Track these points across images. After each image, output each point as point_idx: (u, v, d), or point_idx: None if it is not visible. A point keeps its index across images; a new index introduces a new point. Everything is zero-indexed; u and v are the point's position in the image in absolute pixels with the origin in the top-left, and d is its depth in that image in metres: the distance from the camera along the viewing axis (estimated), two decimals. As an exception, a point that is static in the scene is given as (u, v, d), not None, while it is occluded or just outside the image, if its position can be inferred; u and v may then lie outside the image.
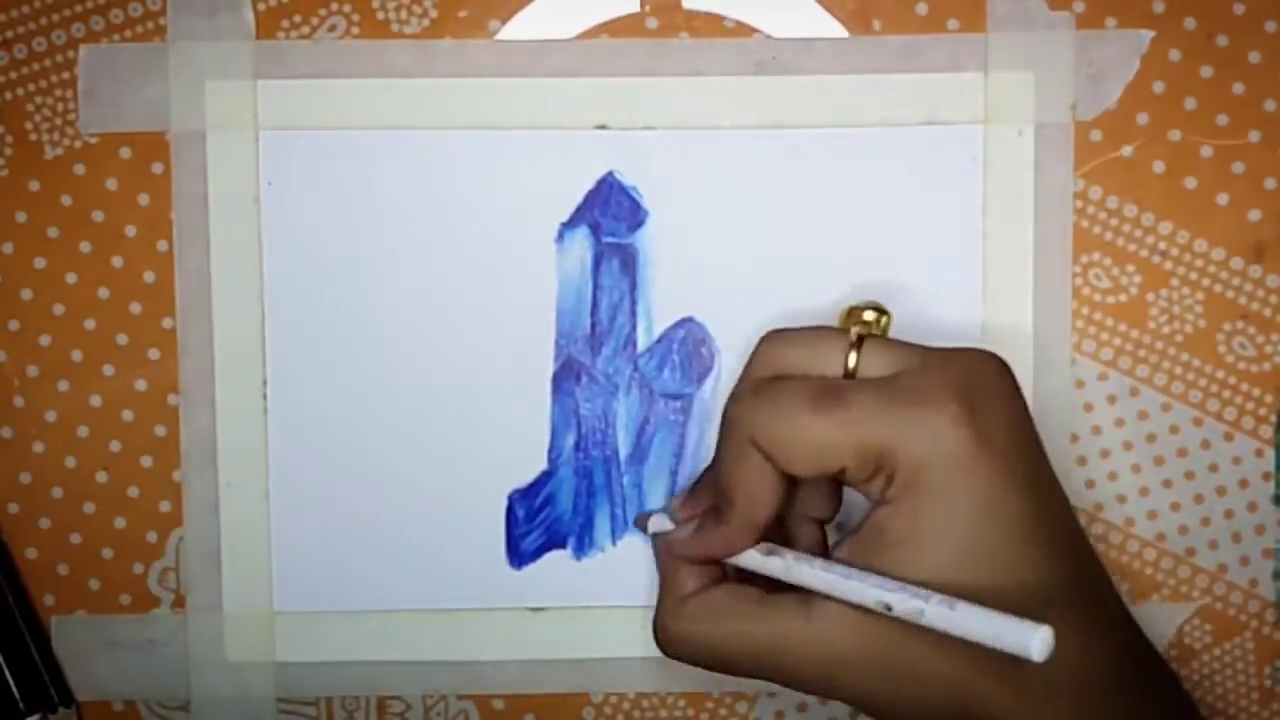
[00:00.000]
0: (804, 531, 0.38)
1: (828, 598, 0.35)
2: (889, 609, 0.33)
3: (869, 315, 0.37)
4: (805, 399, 0.34)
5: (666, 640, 0.37)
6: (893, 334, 0.40)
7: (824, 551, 0.38)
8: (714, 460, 0.37)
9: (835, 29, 0.42)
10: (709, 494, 0.38)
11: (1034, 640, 0.31)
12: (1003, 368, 0.35)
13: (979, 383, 0.34)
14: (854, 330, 0.36)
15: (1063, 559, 0.35)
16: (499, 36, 0.42)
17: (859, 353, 0.35)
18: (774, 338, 0.37)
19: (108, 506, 0.42)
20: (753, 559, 0.36)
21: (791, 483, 0.36)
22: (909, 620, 0.33)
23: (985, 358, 0.35)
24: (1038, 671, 0.32)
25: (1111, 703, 0.34)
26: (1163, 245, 0.42)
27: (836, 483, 0.38)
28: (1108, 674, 0.35)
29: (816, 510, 0.38)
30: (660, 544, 0.38)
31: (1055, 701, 0.34)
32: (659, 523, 0.39)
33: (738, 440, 0.35)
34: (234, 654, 0.43)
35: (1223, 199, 0.42)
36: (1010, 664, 0.32)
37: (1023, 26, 0.41)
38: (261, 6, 0.42)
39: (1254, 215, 0.42)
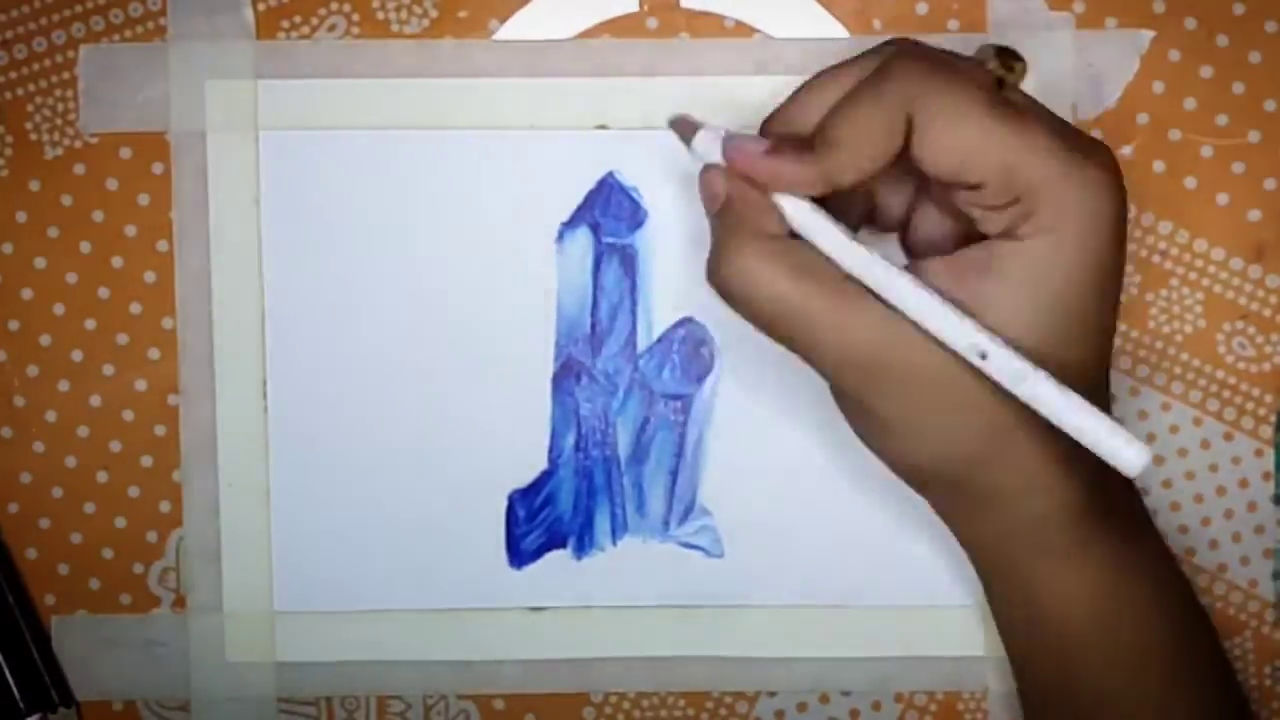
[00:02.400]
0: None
1: (916, 324, 0.33)
2: (984, 357, 0.32)
3: (1019, 67, 0.35)
4: (985, 98, 0.33)
5: (736, 274, 0.34)
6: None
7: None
8: (833, 110, 0.34)
9: (835, 29, 0.42)
10: (790, 133, 0.35)
11: (1130, 454, 0.31)
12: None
13: (1114, 162, 0.34)
14: (997, 74, 0.34)
15: (1109, 346, 0.35)
16: (499, 36, 0.42)
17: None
18: (908, 52, 0.34)
19: (108, 506, 0.42)
20: (839, 252, 0.34)
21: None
22: (998, 379, 0.32)
23: (1110, 151, 0.34)
24: (1059, 435, 0.32)
25: (1107, 493, 0.35)
26: (1163, 245, 0.42)
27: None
28: (1104, 494, 0.35)
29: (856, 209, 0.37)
30: (728, 157, 0.34)
31: (1082, 476, 0.34)
32: (708, 140, 0.35)
33: (891, 101, 0.33)
34: (234, 654, 0.43)
35: (1223, 199, 0.42)
36: (1050, 427, 0.32)
37: (1023, 26, 0.41)
38: (261, 6, 0.42)
39: (1254, 215, 0.42)
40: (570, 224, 0.42)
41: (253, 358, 0.42)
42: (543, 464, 0.42)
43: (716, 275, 0.34)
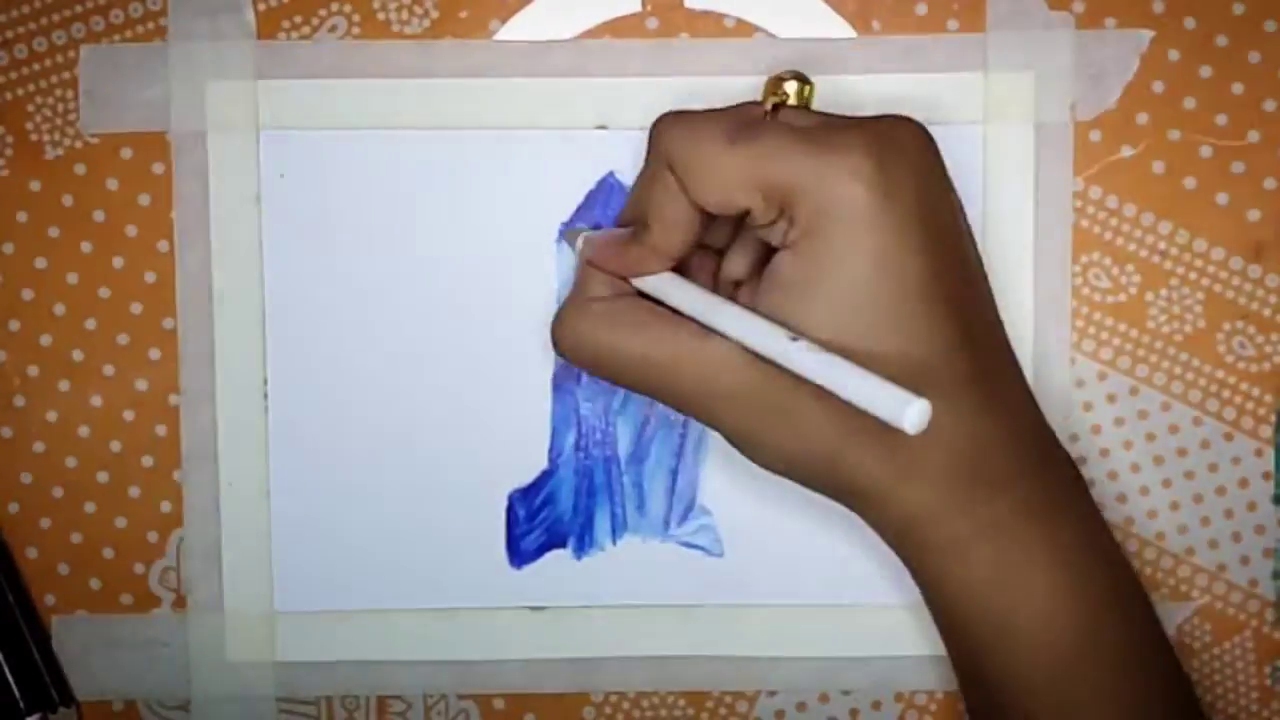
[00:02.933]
0: (700, 266, 0.38)
1: (724, 335, 0.35)
2: (766, 348, 0.33)
3: (790, 86, 0.37)
4: (722, 130, 0.35)
5: (563, 337, 0.37)
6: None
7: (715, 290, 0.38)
8: (635, 181, 0.37)
9: (837, 29, 0.42)
10: (633, 214, 0.38)
11: (909, 411, 0.30)
12: (920, 132, 0.35)
13: (892, 143, 0.34)
14: (769, 102, 0.36)
15: (959, 330, 0.35)
16: (499, 36, 0.42)
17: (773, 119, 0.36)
18: (671, 120, 0.36)
19: (108, 506, 0.42)
20: (657, 285, 0.37)
21: (708, 218, 0.36)
22: (785, 364, 0.33)
23: (904, 123, 0.35)
24: (912, 445, 0.32)
25: (991, 487, 0.35)
26: (1162, 245, 0.42)
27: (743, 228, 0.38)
28: (994, 451, 0.35)
29: (717, 242, 0.38)
30: (580, 251, 0.38)
31: (927, 479, 0.34)
32: (587, 236, 0.39)
33: (655, 163, 0.36)
34: (234, 654, 0.43)
35: (1222, 199, 0.42)
36: (886, 434, 0.32)
37: (1023, 26, 0.41)
38: (262, 6, 0.42)
39: (1254, 215, 0.42)
40: (570, 224, 0.42)
41: (253, 358, 0.42)
42: (543, 464, 0.42)
43: (557, 344, 0.37)
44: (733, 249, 0.38)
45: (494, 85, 0.42)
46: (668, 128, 0.36)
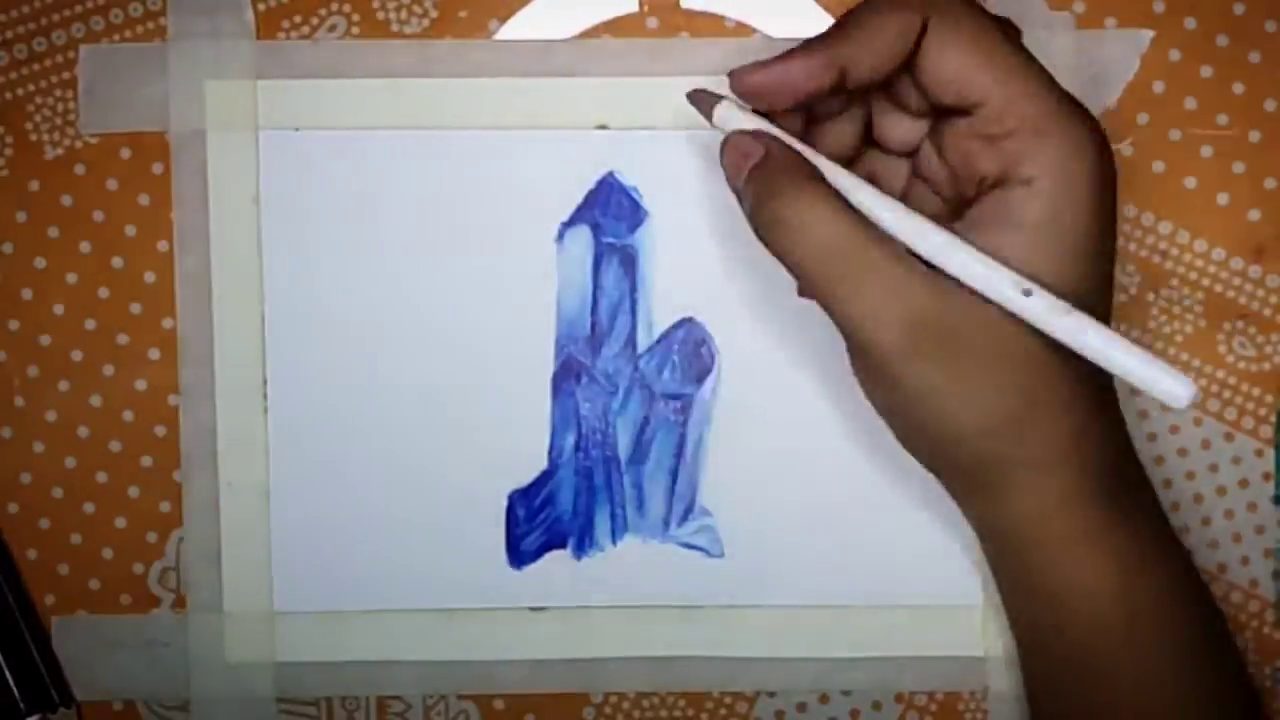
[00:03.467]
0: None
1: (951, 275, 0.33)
2: (1028, 294, 0.32)
3: None
4: (998, 26, 0.33)
5: (790, 212, 0.33)
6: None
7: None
8: (855, 7, 0.34)
9: (835, 29, 0.42)
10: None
11: (1176, 386, 0.31)
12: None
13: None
14: None
15: (1110, 295, 0.35)
16: (499, 36, 0.42)
17: None
18: None
19: (108, 506, 0.42)
20: (870, 204, 0.33)
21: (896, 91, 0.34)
22: (1042, 319, 0.32)
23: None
24: (1053, 435, 0.32)
25: (1122, 477, 0.35)
26: (1163, 245, 0.42)
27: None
28: (1125, 451, 0.36)
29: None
30: (739, 77, 0.34)
31: (1087, 461, 0.34)
32: (728, 110, 0.35)
33: (911, 2, 0.33)
34: (234, 654, 0.43)
35: (1223, 199, 0.42)
36: (1064, 412, 0.33)
37: (1023, 26, 0.41)
38: (261, 6, 0.42)
39: (1254, 215, 0.42)
40: (570, 224, 0.42)
41: (253, 358, 0.42)
42: (543, 464, 0.42)
43: (772, 221, 0.33)
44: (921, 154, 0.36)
45: (494, 85, 0.42)
46: None
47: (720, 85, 0.41)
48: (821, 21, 0.42)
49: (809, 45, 0.33)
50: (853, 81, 0.33)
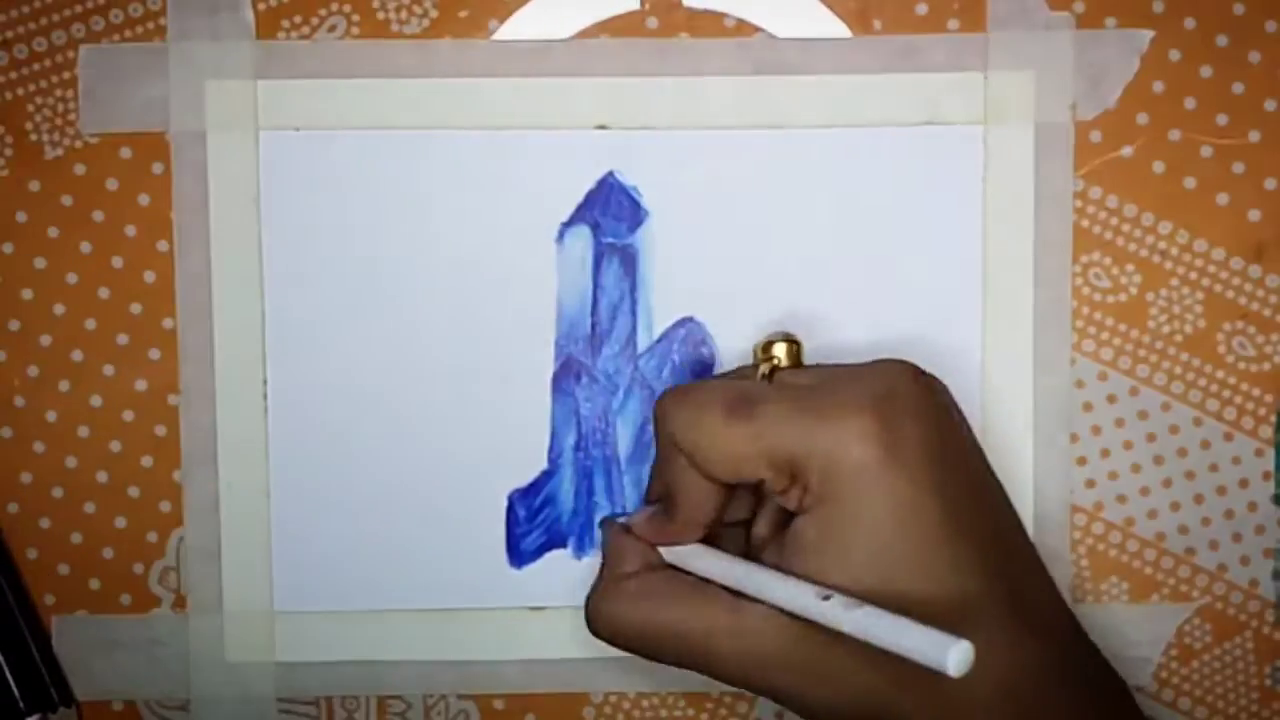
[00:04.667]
0: (730, 535, 0.39)
1: (757, 599, 0.35)
2: (800, 608, 0.34)
3: (779, 349, 0.38)
4: (720, 406, 0.35)
5: (598, 617, 0.37)
6: (891, 332, 0.40)
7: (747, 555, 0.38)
8: (654, 459, 0.38)
9: (836, 28, 0.42)
10: (658, 491, 0.38)
11: (951, 654, 0.30)
12: (917, 376, 0.36)
13: (890, 392, 0.35)
14: (762, 369, 0.38)
15: (988, 563, 0.35)
16: (498, 36, 0.42)
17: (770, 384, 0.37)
18: (671, 401, 0.37)
19: (108, 506, 0.42)
20: (686, 557, 0.37)
21: (730, 487, 0.37)
22: (822, 621, 0.33)
23: (900, 368, 0.36)
24: (958, 684, 0.31)
25: (1043, 707, 0.34)
26: (1163, 245, 0.42)
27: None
28: (1038, 679, 0.35)
29: (741, 514, 0.38)
30: (609, 526, 0.39)
31: (978, 711, 0.34)
32: (626, 518, 0.39)
33: (664, 443, 0.37)
34: (234, 654, 0.43)
35: (1223, 199, 0.42)
36: (931, 677, 0.31)
37: (1023, 26, 0.41)
38: (261, 6, 0.42)
39: (1254, 215, 0.42)
40: (570, 224, 0.42)
41: (253, 358, 0.42)
42: (543, 464, 0.42)
43: (590, 624, 0.38)
44: (759, 513, 0.38)
45: (493, 85, 0.42)
46: (668, 409, 0.36)
47: (720, 86, 0.41)
48: (822, 21, 0.42)
49: (664, 515, 0.37)
50: (709, 527, 0.37)
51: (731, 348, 0.42)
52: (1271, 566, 0.42)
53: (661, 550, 0.38)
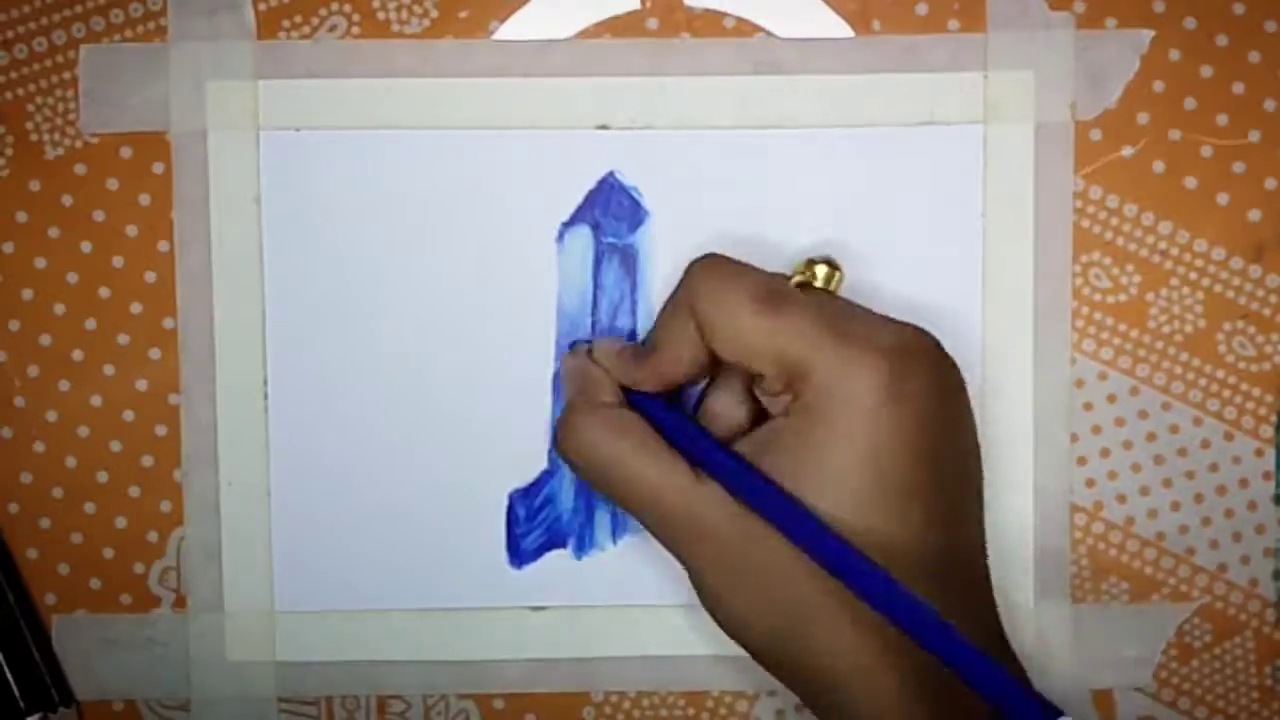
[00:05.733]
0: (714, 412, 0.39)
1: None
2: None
3: (820, 269, 0.38)
4: (750, 295, 0.36)
5: (570, 436, 0.38)
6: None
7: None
8: (663, 306, 0.38)
9: (837, 28, 0.42)
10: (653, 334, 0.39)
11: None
12: (939, 349, 0.36)
13: (911, 355, 0.35)
14: (796, 280, 0.38)
15: (940, 533, 0.35)
16: (499, 36, 0.42)
17: None
18: (701, 262, 0.37)
19: (108, 506, 0.42)
20: (658, 415, 0.38)
21: (715, 363, 0.37)
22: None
23: (927, 337, 0.36)
24: (874, 616, 0.33)
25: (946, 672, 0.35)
26: (1163, 245, 0.42)
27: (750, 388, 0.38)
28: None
29: (724, 406, 0.39)
30: (577, 352, 0.40)
31: (882, 654, 0.34)
32: (596, 341, 0.40)
33: (681, 302, 0.37)
34: (234, 654, 0.43)
35: (1223, 199, 0.42)
36: (863, 609, 0.33)
37: (1023, 26, 0.41)
38: (262, 6, 0.42)
39: (1254, 215, 0.42)
40: (570, 224, 0.42)
41: (253, 358, 0.42)
42: (543, 464, 0.42)
43: (560, 442, 0.38)
44: (727, 397, 0.39)
45: (494, 85, 0.42)
46: (700, 278, 0.37)
47: (720, 86, 0.41)
48: (822, 21, 0.42)
49: (638, 354, 0.38)
50: (679, 382, 0.38)
51: (731, 348, 0.42)
52: (1271, 566, 0.42)
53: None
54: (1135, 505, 0.42)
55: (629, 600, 0.43)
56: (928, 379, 0.35)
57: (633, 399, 0.38)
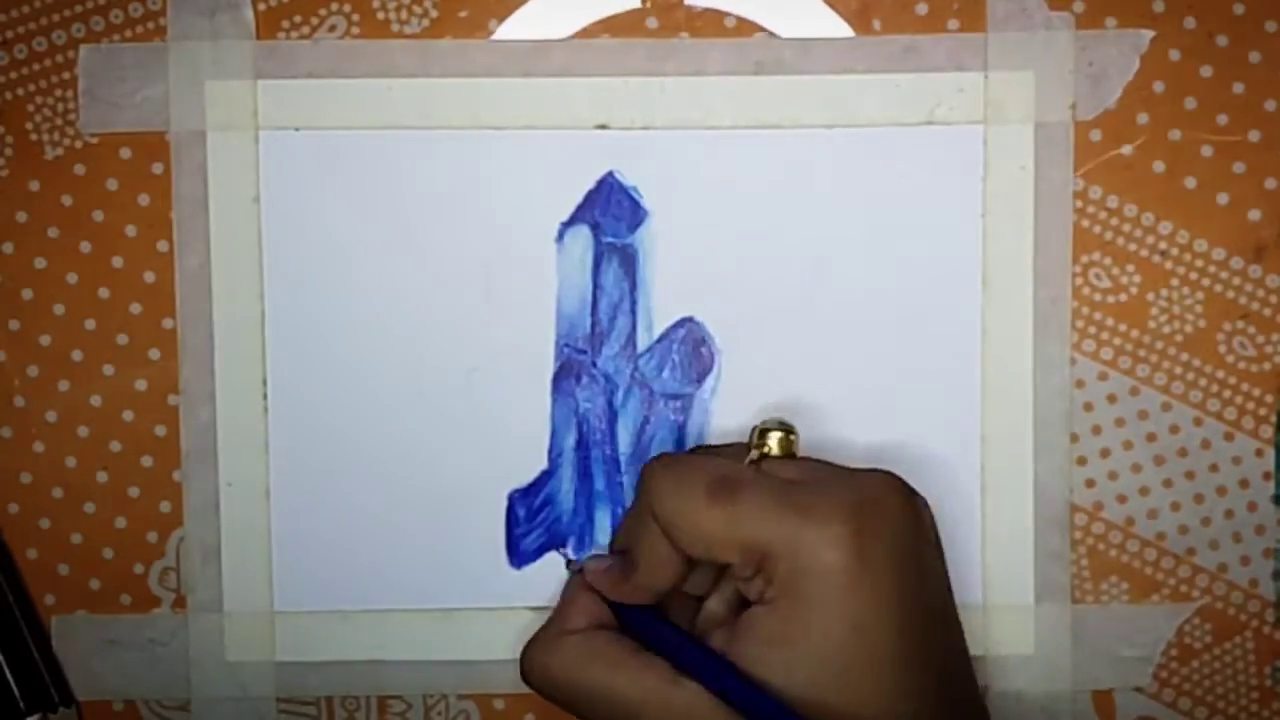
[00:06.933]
0: (679, 608, 0.39)
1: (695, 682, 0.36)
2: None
3: (773, 438, 0.38)
4: (704, 488, 0.36)
5: (532, 668, 0.38)
6: (893, 327, 0.40)
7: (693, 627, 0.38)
8: (626, 513, 0.39)
9: (837, 28, 0.42)
10: (624, 544, 0.39)
11: None
12: (900, 491, 0.36)
13: (873, 509, 0.35)
14: (752, 454, 0.37)
15: (929, 687, 0.35)
16: (498, 36, 0.42)
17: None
18: (659, 469, 0.37)
19: (108, 506, 0.42)
20: (638, 621, 0.38)
21: (692, 561, 0.37)
22: None
23: (888, 482, 0.36)
24: None
25: None
26: (1163, 245, 0.42)
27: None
28: None
29: (699, 589, 0.39)
30: (571, 577, 0.40)
31: None
32: (585, 561, 0.40)
33: (643, 507, 0.37)
34: (234, 654, 0.43)
35: (1223, 199, 0.42)
36: None
37: (1023, 26, 0.41)
38: (261, 6, 0.42)
39: (1254, 215, 0.42)
40: (570, 223, 0.42)
41: (253, 358, 0.42)
42: (543, 464, 0.42)
43: (525, 675, 0.38)
44: (715, 592, 0.38)
45: (493, 85, 0.42)
46: (655, 478, 0.37)
47: (721, 85, 0.41)
48: (822, 21, 0.42)
49: (623, 569, 0.38)
50: (664, 590, 0.38)
51: (732, 348, 0.42)
52: (1271, 566, 0.42)
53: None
54: (1135, 505, 0.42)
55: (629, 600, 0.42)
56: (894, 526, 0.35)
57: (622, 614, 0.38)
